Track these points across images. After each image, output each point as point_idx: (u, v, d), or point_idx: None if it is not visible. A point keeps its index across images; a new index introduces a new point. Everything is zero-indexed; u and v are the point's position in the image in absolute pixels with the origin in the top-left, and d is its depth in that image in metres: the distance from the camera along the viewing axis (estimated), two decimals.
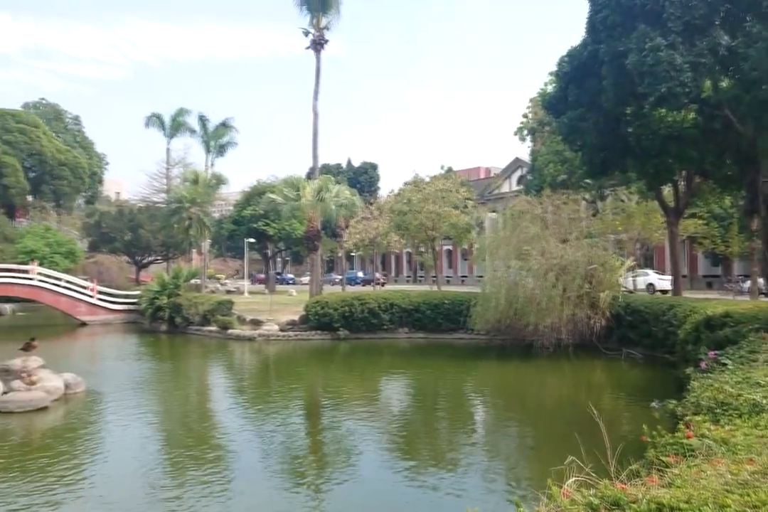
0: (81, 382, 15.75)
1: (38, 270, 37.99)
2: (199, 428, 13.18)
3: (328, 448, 11.54)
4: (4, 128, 65.59)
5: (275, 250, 57.75)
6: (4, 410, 13.47)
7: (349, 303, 26.81)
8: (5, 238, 57.90)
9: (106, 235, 56.67)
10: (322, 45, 36.12)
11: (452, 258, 63.26)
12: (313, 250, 33.16)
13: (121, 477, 9.68)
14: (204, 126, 51.02)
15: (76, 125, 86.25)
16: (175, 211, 41.49)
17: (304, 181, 33.10)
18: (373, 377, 19.38)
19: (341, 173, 73.72)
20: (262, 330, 27.62)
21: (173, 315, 32.52)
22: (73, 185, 71.66)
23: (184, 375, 20.86)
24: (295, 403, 15.66)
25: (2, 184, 62.59)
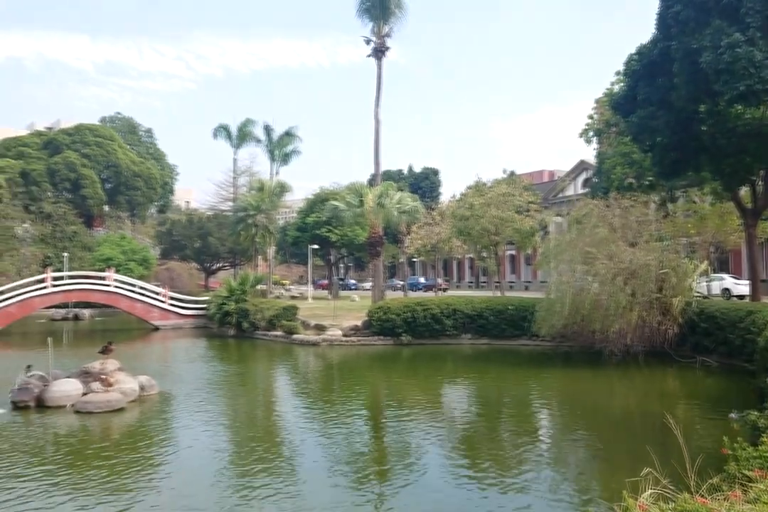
0: (155, 384, 16.36)
1: (115, 276, 39.75)
2: (266, 429, 13.45)
3: (390, 452, 11.55)
4: (83, 142, 69.18)
5: (338, 256, 58.43)
6: (84, 410, 14.14)
7: (412, 309, 26.79)
8: (84, 246, 61.05)
9: (177, 243, 58.85)
10: (384, 52, 36.42)
11: (515, 263, 62.28)
12: (376, 255, 33.35)
13: (192, 477, 9.98)
14: (269, 135, 52.34)
15: (149, 137, 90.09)
16: (241, 218, 42.66)
17: (367, 188, 33.34)
18: (435, 383, 19.27)
19: (403, 179, 73.89)
20: (326, 335, 27.95)
21: (240, 320, 33.35)
22: (146, 195, 74.82)
23: (251, 378, 21.35)
24: (358, 407, 15.75)
25: (81, 194, 65.96)
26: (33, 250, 56.86)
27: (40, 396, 14.65)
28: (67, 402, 14.54)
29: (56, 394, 14.62)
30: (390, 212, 31.61)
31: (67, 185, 65.74)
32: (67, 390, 14.71)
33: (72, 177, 65.51)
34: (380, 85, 36.53)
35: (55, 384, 14.85)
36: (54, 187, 64.90)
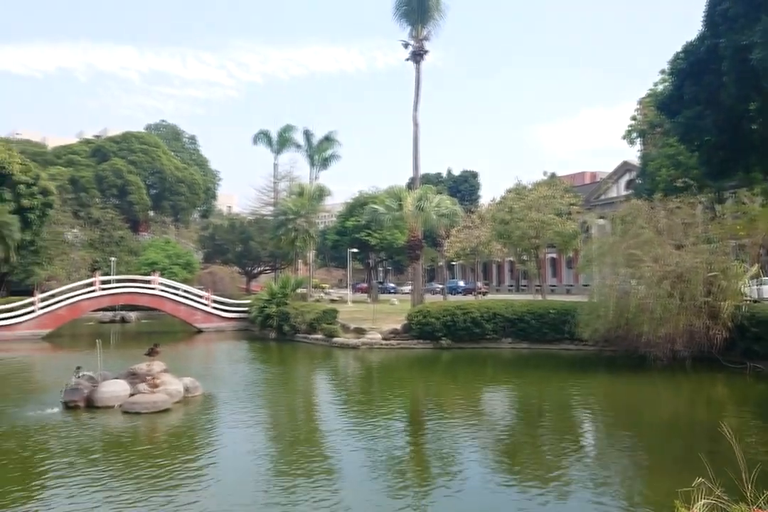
0: (198, 386, 16.66)
1: (159, 280, 40.70)
2: (306, 431, 13.56)
3: (430, 457, 11.51)
4: (130, 149, 71.15)
5: (377, 260, 58.58)
6: (131, 411, 14.50)
7: (452, 313, 26.66)
8: (130, 250, 62.68)
9: (220, 247, 59.94)
10: (422, 56, 36.43)
11: (557, 266, 61.39)
12: (415, 259, 33.32)
13: (233, 478, 10.11)
14: (308, 140, 52.88)
15: (192, 144, 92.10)
16: (282, 223, 43.17)
17: (406, 192, 33.36)
18: (475, 387, 19.11)
19: (441, 182, 73.68)
20: (366, 338, 28.02)
21: (281, 323, 33.74)
22: (189, 200, 76.44)
23: (292, 380, 21.57)
24: (397, 411, 15.74)
25: (127, 200, 67.79)
26: (82, 254, 58.61)
27: (89, 396, 15.07)
28: (115, 402, 14.92)
29: (105, 395, 15.02)
30: (429, 215, 31.53)
31: (114, 191, 67.66)
32: (115, 391, 15.10)
33: (119, 183, 67.41)
34: (419, 88, 36.55)
35: (103, 385, 15.27)
36: (102, 194, 66.86)
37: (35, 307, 36.01)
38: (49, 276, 51.19)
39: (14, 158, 41.32)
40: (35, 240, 45.86)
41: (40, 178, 43.92)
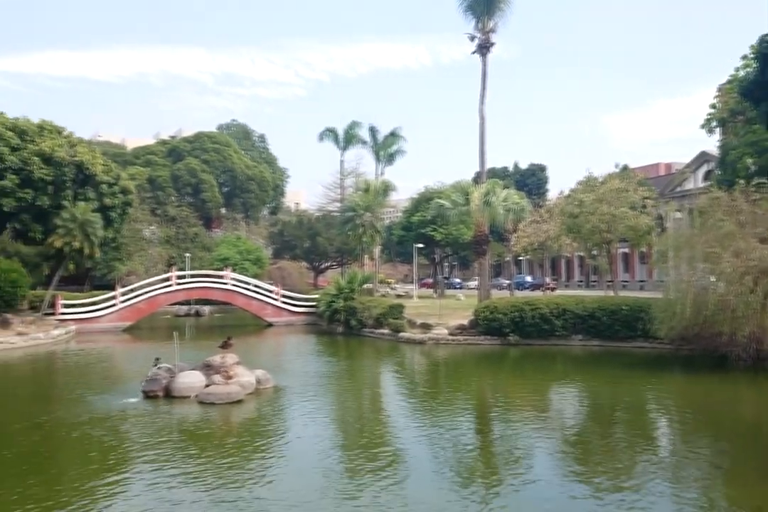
0: (270, 378, 17.13)
1: (231, 275, 41.96)
2: (373, 425, 13.71)
3: (497, 454, 11.42)
4: (203, 149, 73.59)
5: (442, 255, 58.34)
6: (206, 401, 15.06)
7: (520, 309, 26.27)
8: (204, 246, 64.91)
9: (288, 243, 61.20)
10: (488, 48, 35.91)
11: (629, 261, 59.35)
12: (481, 254, 33.00)
13: (300, 470, 10.35)
14: (374, 136, 53.16)
15: (261, 142, 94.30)
16: (349, 219, 43.63)
17: (472, 186, 33.05)
18: (544, 384, 18.79)
19: (508, 176, 72.51)
20: (432, 334, 28.01)
21: (349, 317, 34.16)
22: (259, 197, 78.38)
23: (359, 374, 21.84)
24: (464, 407, 15.69)
25: (201, 198, 70.19)
26: (159, 250, 61.15)
27: (167, 386, 15.76)
28: (191, 392, 15.54)
29: (182, 385, 15.67)
30: (496, 210, 31.12)
31: (189, 190, 70.19)
32: (192, 382, 15.72)
33: (193, 182, 69.90)
34: (485, 81, 36.06)
35: (180, 376, 15.92)
36: (177, 192, 69.49)
37: (116, 301, 37.87)
38: (129, 272, 53.73)
39: (97, 159, 43.46)
40: (116, 237, 48.14)
41: (121, 177, 46.03)
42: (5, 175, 38.62)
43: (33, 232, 39.90)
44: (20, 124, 40.86)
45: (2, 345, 27.14)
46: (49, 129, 42.40)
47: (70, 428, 13.07)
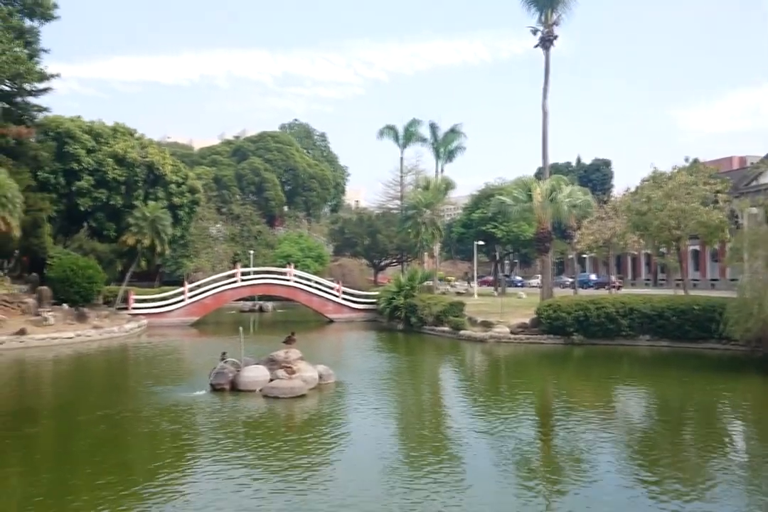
0: (332, 374, 17.39)
1: (294, 272, 42.76)
2: (433, 423, 13.74)
3: (560, 454, 11.23)
4: (266, 148, 75.24)
5: (503, 252, 57.63)
6: (271, 395, 15.43)
7: (584, 307, 25.67)
8: (267, 244, 66.41)
9: (349, 240, 61.75)
10: (551, 42, 35.15)
11: (700, 259, 56.97)
12: (544, 251, 32.39)
13: (362, 464, 10.48)
14: (434, 133, 52.97)
15: (322, 141, 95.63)
16: (409, 216, 43.70)
17: (535, 182, 32.46)
18: (608, 386, 18.32)
19: (571, 172, 70.86)
20: (493, 332, 27.74)
21: (409, 314, 34.25)
22: (320, 196, 79.56)
23: (419, 371, 21.87)
24: (525, 406, 15.49)
25: (264, 197, 71.81)
26: (224, 247, 62.96)
27: (233, 380, 16.22)
28: (256, 386, 15.94)
29: (247, 379, 16.10)
30: (560, 207, 30.46)
31: (253, 188, 71.94)
32: (256, 376, 16.13)
33: (256, 181, 71.58)
34: (548, 75, 35.33)
35: (246, 370, 16.36)
36: (241, 191, 71.33)
37: (185, 297, 39.21)
38: (196, 268, 55.60)
39: (166, 160, 45.14)
40: (184, 234, 49.90)
41: (189, 177, 47.66)
42: (82, 176, 40.63)
43: (107, 230, 41.85)
44: (95, 127, 42.88)
45: (80, 338, 28.58)
46: (122, 131, 44.32)
47: (141, 418, 13.67)
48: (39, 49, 32.75)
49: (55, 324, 29.10)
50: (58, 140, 39.90)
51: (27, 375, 21.73)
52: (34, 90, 32.73)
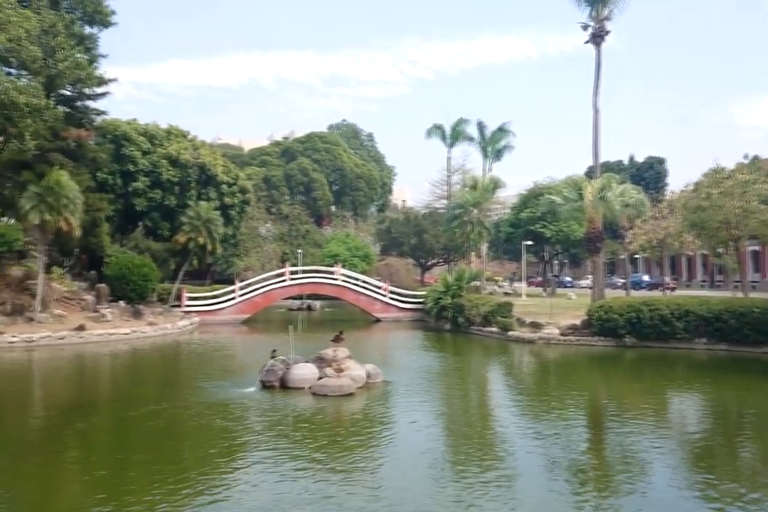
0: (380, 373, 17.46)
1: (341, 271, 43.10)
2: (480, 425, 13.65)
3: (611, 459, 11.01)
4: (314, 149, 76.11)
5: (552, 253, 56.74)
6: (319, 393, 15.60)
7: (637, 309, 25.04)
8: (315, 243, 67.16)
9: (395, 240, 61.91)
10: (602, 37, 34.41)
11: (760, 260, 54.82)
12: (595, 252, 31.74)
13: (408, 465, 10.46)
14: (482, 132, 52.54)
15: (369, 141, 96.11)
16: (456, 215, 43.47)
17: (586, 181, 31.83)
18: (662, 390, 17.79)
19: (623, 170, 69.19)
20: (542, 333, 27.35)
21: (456, 315, 34.09)
22: (367, 195, 80.00)
23: (466, 372, 21.75)
24: (575, 409, 15.21)
25: (312, 196, 72.65)
26: (273, 247, 63.95)
27: (283, 377, 16.46)
28: (305, 384, 16.14)
29: (296, 377, 16.32)
30: (611, 206, 29.78)
31: (301, 188, 72.87)
32: (305, 374, 16.34)
33: (304, 181, 72.49)
34: (599, 71, 34.61)
35: (295, 367, 16.59)
36: (290, 191, 72.35)
37: (235, 295, 40.01)
38: (246, 267, 56.65)
39: (218, 161, 46.18)
40: (235, 234, 50.96)
41: (239, 178, 48.62)
42: (138, 177, 41.95)
43: (161, 230, 43.09)
44: (150, 129, 44.20)
45: (135, 334, 29.53)
46: (175, 133, 45.56)
47: (193, 413, 14.01)
48: (98, 55, 33.94)
49: (112, 320, 30.14)
50: (115, 142, 41.32)
51: (86, 369, 22.58)
52: (93, 94, 33.92)
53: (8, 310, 27.75)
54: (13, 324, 26.82)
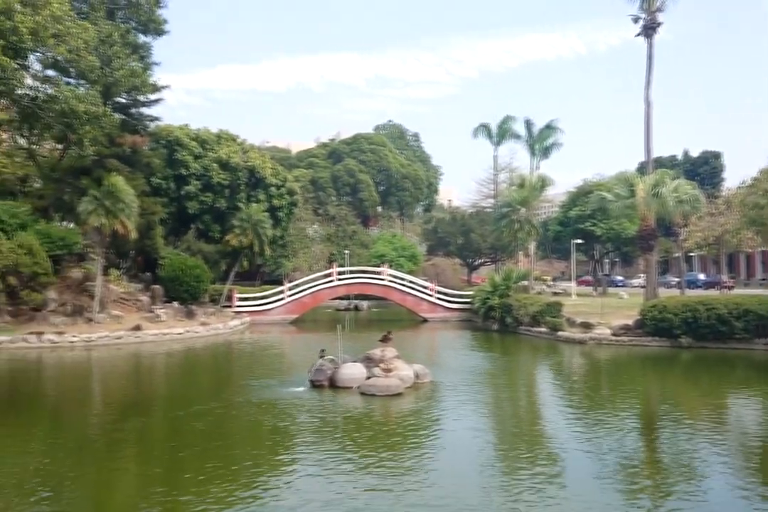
0: (428, 373, 17.45)
1: (388, 271, 43.23)
2: (529, 426, 13.49)
3: (664, 461, 10.73)
4: (360, 150, 76.56)
5: (602, 251, 55.54)
6: (368, 393, 15.70)
7: (693, 308, 24.29)
8: (361, 244, 67.52)
9: (442, 240, 61.72)
10: (654, 29, 33.60)
11: None
12: (647, 250, 30.92)
13: (456, 467, 10.42)
14: (529, 130, 51.97)
15: (415, 141, 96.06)
16: (504, 214, 43.04)
17: (638, 177, 31.05)
18: (719, 393, 17.22)
19: (676, 165, 67.23)
20: (593, 333, 26.82)
21: (504, 315, 33.74)
22: (413, 195, 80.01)
23: (515, 372, 21.52)
24: (628, 412, 14.87)
25: (358, 197, 73.10)
26: (321, 247, 64.61)
27: (332, 377, 16.64)
28: (353, 384, 16.27)
29: (345, 376, 16.47)
30: (665, 202, 28.94)
31: (347, 189, 73.42)
32: (354, 374, 16.48)
33: (351, 182, 73.00)
34: (651, 65, 33.81)
35: (343, 367, 16.75)
36: (336, 192, 72.99)
37: (284, 295, 40.62)
38: (294, 268, 57.38)
39: (266, 163, 46.97)
40: (284, 235, 51.70)
41: (287, 180, 49.32)
42: (190, 181, 43.06)
43: (212, 232, 44.11)
44: (201, 134, 45.31)
45: (188, 334, 30.32)
46: (225, 137, 46.56)
47: (244, 413, 14.32)
48: (151, 63, 35.01)
49: (166, 320, 31.03)
50: (168, 147, 42.53)
51: (142, 368, 23.34)
52: (147, 101, 35.04)
53: (69, 311, 28.89)
54: (73, 325, 27.91)
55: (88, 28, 22.68)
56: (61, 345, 26.02)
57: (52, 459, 10.83)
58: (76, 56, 21.44)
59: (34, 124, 26.53)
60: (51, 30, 19.81)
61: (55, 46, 20.45)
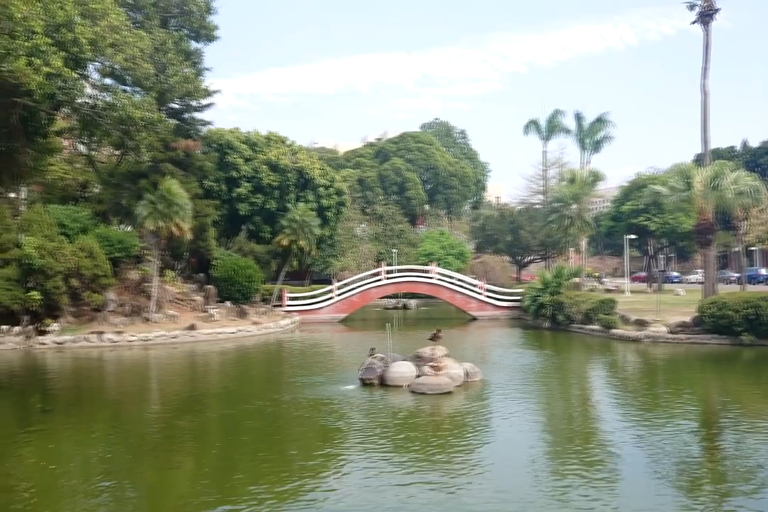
0: (478, 372, 17.36)
1: (437, 270, 43.14)
2: (582, 425, 13.25)
3: (725, 464, 10.37)
4: (406, 148, 76.51)
5: (657, 247, 54.00)
6: (418, 391, 15.73)
7: (755, 305, 23.37)
8: (409, 242, 67.55)
9: (490, 237, 61.12)
10: (711, 16, 32.49)
11: None
12: (705, 244, 29.89)
13: (507, 466, 10.35)
14: (579, 124, 51.04)
15: (462, 139, 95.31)
16: (554, 210, 42.35)
17: (694, 169, 30.03)
18: None
19: (735, 157, 64.67)
20: (649, 331, 26.14)
21: (555, 312, 33.23)
22: (461, 193, 79.47)
23: (567, 371, 21.15)
24: (685, 411, 14.43)
25: (406, 196, 73.08)
26: (369, 247, 64.89)
27: (382, 375, 16.74)
28: (403, 382, 16.33)
29: (395, 375, 16.55)
30: (724, 195, 27.88)
31: (395, 188, 73.48)
32: (404, 372, 16.53)
33: (398, 181, 73.04)
34: (707, 53, 32.72)
35: (393, 365, 16.82)
36: (384, 191, 73.14)
37: (333, 295, 41.04)
38: (343, 267, 57.85)
39: (315, 164, 47.53)
40: (332, 235, 52.22)
41: (335, 180, 49.77)
42: (241, 183, 43.98)
43: (263, 233, 44.92)
44: (251, 136, 46.20)
45: (241, 333, 31.00)
46: (274, 139, 47.34)
47: (296, 410, 14.54)
48: (203, 68, 35.90)
49: (219, 320, 31.80)
50: (219, 151, 43.55)
51: (197, 366, 23.97)
52: (200, 106, 35.92)
53: (127, 311, 29.93)
54: (131, 324, 28.92)
55: (143, 36, 23.41)
56: (120, 344, 27.01)
57: (112, 452, 11.31)
58: (132, 64, 22.14)
59: (93, 132, 27.52)
60: (109, 40, 20.51)
61: (112, 55, 21.17)
